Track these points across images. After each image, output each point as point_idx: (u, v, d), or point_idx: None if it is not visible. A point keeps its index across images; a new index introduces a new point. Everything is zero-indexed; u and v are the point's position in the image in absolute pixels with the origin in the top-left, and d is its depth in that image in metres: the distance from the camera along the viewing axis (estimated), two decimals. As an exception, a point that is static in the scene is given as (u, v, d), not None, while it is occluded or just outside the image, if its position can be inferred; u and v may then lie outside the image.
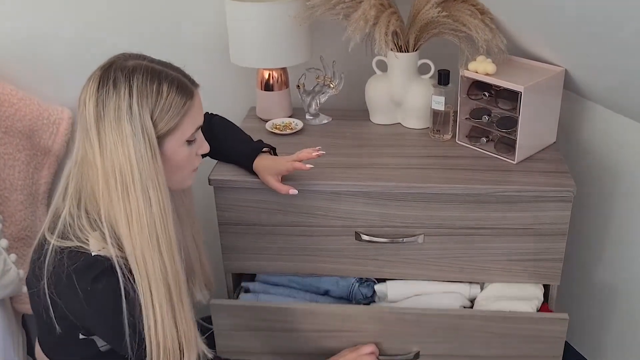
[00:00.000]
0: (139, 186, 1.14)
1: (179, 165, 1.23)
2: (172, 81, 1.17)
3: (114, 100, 1.13)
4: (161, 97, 1.15)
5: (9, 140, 1.81)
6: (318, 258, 1.64)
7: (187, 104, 1.18)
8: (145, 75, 1.15)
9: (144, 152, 1.13)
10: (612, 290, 1.82)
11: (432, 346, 1.57)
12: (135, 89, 1.13)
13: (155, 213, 1.16)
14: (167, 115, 1.16)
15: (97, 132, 1.14)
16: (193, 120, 1.21)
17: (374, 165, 1.61)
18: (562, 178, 1.53)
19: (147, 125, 1.13)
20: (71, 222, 1.19)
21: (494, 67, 1.58)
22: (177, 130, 1.19)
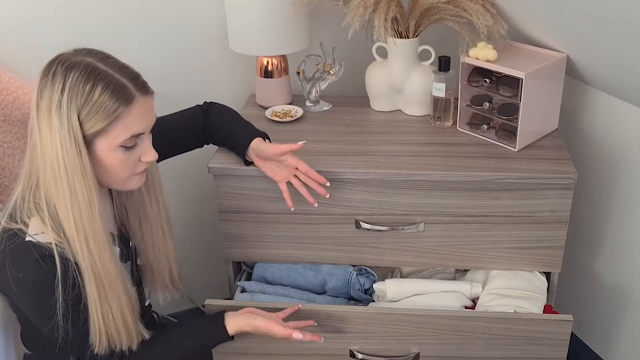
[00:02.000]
0: (64, 179, 1.16)
1: (113, 168, 1.21)
2: (108, 84, 1.15)
3: (48, 92, 1.15)
4: (90, 99, 1.14)
5: (8, 129, 1.80)
6: (318, 246, 1.64)
7: (120, 110, 1.16)
8: (82, 73, 1.15)
9: (69, 148, 1.14)
10: (613, 277, 1.82)
11: (432, 347, 1.55)
12: (68, 85, 1.14)
13: (82, 208, 1.17)
14: (94, 117, 1.15)
15: (37, 119, 1.17)
16: (126, 126, 1.18)
17: (374, 152, 1.60)
18: (563, 165, 1.52)
19: (73, 123, 1.14)
20: (20, 204, 1.22)
21: (495, 53, 1.56)
22: (107, 134, 1.17)
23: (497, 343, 1.53)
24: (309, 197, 1.49)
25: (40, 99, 1.16)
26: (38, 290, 1.19)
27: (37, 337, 1.34)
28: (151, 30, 1.88)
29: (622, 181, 1.71)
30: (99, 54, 1.20)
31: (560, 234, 1.55)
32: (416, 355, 1.56)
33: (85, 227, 1.18)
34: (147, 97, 1.21)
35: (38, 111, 1.16)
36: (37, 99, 1.16)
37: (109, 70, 1.17)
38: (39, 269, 1.17)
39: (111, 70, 1.17)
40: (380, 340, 1.55)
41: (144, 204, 1.37)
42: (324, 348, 1.57)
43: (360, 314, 1.53)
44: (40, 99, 1.16)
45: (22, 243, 1.18)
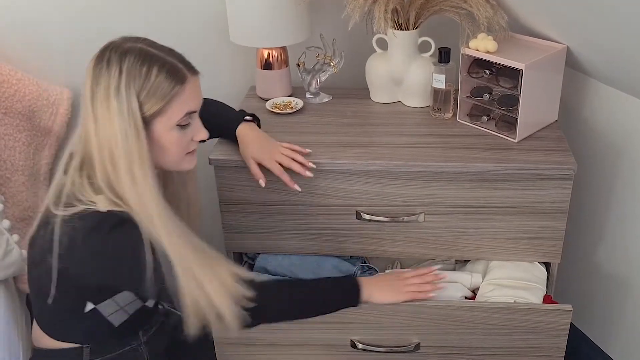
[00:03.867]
0: (124, 162, 1.19)
1: (169, 147, 1.26)
2: (163, 65, 1.21)
3: (105, 79, 1.18)
4: (148, 80, 1.19)
5: (9, 121, 1.81)
6: (319, 237, 1.64)
7: (176, 89, 1.21)
8: (137, 57, 1.20)
9: (129, 131, 1.18)
10: (613, 268, 1.83)
11: (433, 337, 1.56)
12: (125, 70, 1.18)
13: (141, 185, 1.20)
14: (153, 97, 1.19)
15: (92, 108, 1.20)
16: (182, 105, 1.23)
17: (374, 143, 1.60)
18: (563, 156, 1.52)
19: (132, 106, 1.18)
20: (75, 191, 1.23)
21: (495, 44, 1.56)
22: (165, 114, 1.22)
23: (497, 333, 1.54)
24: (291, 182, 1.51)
25: (95, 86, 1.19)
26: (134, 246, 1.20)
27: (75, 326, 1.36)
28: (151, 21, 1.88)
29: (622, 172, 1.71)
30: (146, 40, 1.25)
31: (560, 225, 1.55)
32: (417, 345, 1.57)
33: (149, 207, 1.20)
34: (196, 77, 1.27)
35: (94, 98, 1.19)
36: (91, 87, 1.19)
37: (160, 53, 1.22)
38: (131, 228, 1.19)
39: (161, 53, 1.22)
40: (381, 331, 1.56)
41: (185, 186, 1.42)
42: (325, 338, 1.58)
43: (361, 305, 1.53)
44: (96, 86, 1.19)
45: (103, 213, 1.19)
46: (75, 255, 1.21)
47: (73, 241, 1.20)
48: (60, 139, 1.92)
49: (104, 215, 1.20)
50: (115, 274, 1.25)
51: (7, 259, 1.65)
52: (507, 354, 1.56)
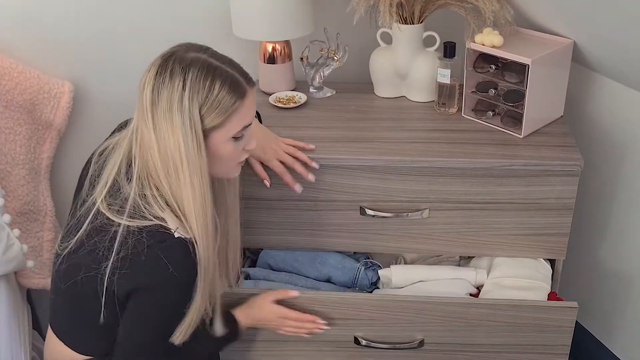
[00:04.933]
0: (187, 174, 1.20)
1: (222, 158, 1.26)
2: (226, 79, 1.20)
3: (168, 90, 1.18)
4: (212, 94, 1.18)
5: (9, 115, 1.79)
6: (323, 233, 1.63)
7: (237, 103, 1.21)
8: (200, 70, 1.18)
9: (190, 144, 1.18)
10: (618, 264, 1.82)
11: (437, 334, 1.55)
12: (189, 82, 1.17)
13: (197, 200, 1.21)
14: (215, 111, 1.19)
15: (152, 117, 1.19)
16: (241, 119, 1.23)
17: (378, 139, 1.59)
18: (569, 152, 1.51)
19: (195, 119, 1.18)
20: (143, 202, 1.22)
21: (500, 39, 1.55)
22: (224, 127, 1.22)
23: (502, 330, 1.53)
24: (292, 182, 1.51)
25: (157, 96, 1.18)
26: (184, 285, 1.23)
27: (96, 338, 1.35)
28: (154, 15, 1.87)
29: (628, 168, 1.70)
30: (209, 50, 1.24)
31: (566, 221, 1.54)
32: (420, 342, 1.56)
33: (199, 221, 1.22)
34: (253, 89, 1.26)
35: (154, 109, 1.18)
36: (152, 98, 1.19)
37: (222, 65, 1.21)
38: (189, 265, 1.21)
39: (223, 65, 1.22)
40: (384, 327, 1.55)
41: (226, 193, 1.40)
42: (328, 334, 1.57)
43: (365, 301, 1.53)
44: (158, 96, 1.18)
45: (174, 239, 1.20)
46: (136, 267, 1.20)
47: (138, 255, 1.19)
48: (61, 132, 1.91)
49: (175, 242, 1.20)
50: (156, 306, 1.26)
51: (8, 253, 1.64)
52: (511, 351, 1.56)
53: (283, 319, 1.51)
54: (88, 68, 1.93)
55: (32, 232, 1.88)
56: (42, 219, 1.90)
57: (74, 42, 1.89)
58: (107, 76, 1.94)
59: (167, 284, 1.21)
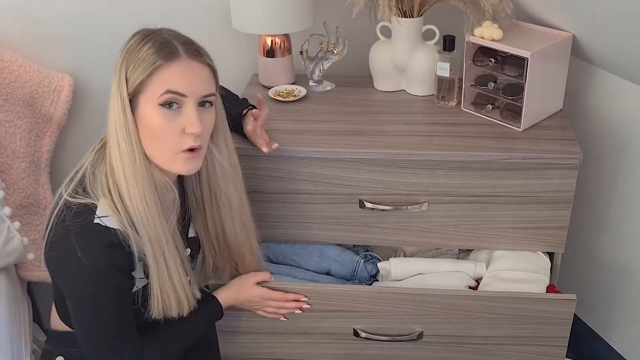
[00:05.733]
0: (116, 139, 1.18)
1: (156, 133, 1.18)
2: (156, 41, 1.18)
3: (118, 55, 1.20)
4: (138, 52, 1.17)
5: (9, 108, 1.80)
6: (322, 226, 1.63)
7: (159, 63, 1.16)
8: (143, 36, 1.19)
9: (116, 106, 1.18)
10: (616, 258, 1.82)
11: (436, 326, 1.56)
12: (127, 47, 1.19)
13: (126, 163, 1.18)
14: (137, 70, 1.16)
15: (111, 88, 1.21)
16: (163, 80, 1.16)
17: (377, 132, 1.59)
18: (568, 145, 1.52)
19: (121, 80, 1.17)
20: (89, 179, 1.21)
21: (500, 32, 1.55)
22: (146, 89, 1.17)
23: (501, 322, 1.53)
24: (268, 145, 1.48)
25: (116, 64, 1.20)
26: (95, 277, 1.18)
27: None
28: (153, 7, 1.87)
29: (627, 161, 1.70)
30: (174, 32, 1.23)
31: (565, 214, 1.55)
32: (419, 334, 1.57)
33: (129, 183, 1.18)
34: (195, 62, 1.20)
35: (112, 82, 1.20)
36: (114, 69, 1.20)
37: (167, 37, 1.19)
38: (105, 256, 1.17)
39: (169, 37, 1.20)
40: (383, 319, 1.56)
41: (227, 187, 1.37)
42: (327, 327, 1.58)
43: (364, 293, 1.54)
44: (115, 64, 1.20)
45: (91, 224, 1.17)
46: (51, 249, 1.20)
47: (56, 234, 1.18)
48: (61, 126, 1.91)
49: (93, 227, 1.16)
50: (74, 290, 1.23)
51: (8, 246, 1.64)
52: (510, 343, 1.56)
53: (265, 300, 1.50)
54: (88, 61, 1.93)
55: (32, 224, 1.88)
56: (42, 211, 1.90)
57: (73, 36, 1.89)
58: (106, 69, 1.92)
59: (80, 273, 1.18)
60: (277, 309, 1.53)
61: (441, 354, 1.60)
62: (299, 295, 1.52)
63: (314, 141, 1.54)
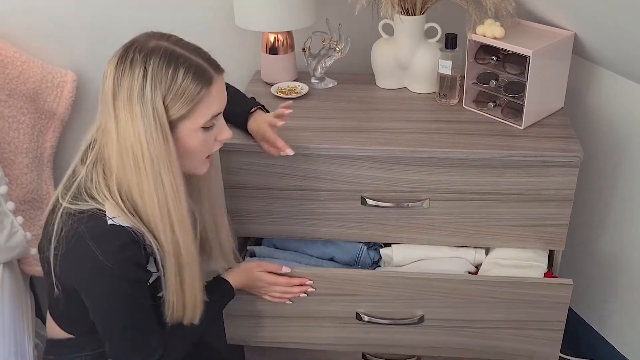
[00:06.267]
0: (149, 166, 1.16)
1: (193, 149, 1.22)
2: (190, 67, 1.16)
3: (128, 81, 1.14)
4: (175, 83, 1.14)
5: (13, 103, 1.80)
6: (324, 222, 1.64)
7: (203, 92, 1.17)
8: (162, 58, 1.14)
9: (154, 135, 1.14)
10: (616, 256, 1.83)
11: (436, 310, 1.58)
12: (150, 72, 1.13)
13: (168, 193, 1.18)
14: (179, 101, 1.15)
15: (113, 108, 1.15)
16: (208, 107, 1.19)
17: (380, 129, 1.60)
18: (569, 143, 1.52)
19: (158, 109, 1.14)
20: (89, 185, 1.20)
21: (502, 30, 1.56)
22: (191, 117, 1.18)
23: (500, 306, 1.56)
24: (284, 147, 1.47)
25: (118, 87, 1.14)
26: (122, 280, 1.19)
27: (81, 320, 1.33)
28: (156, 5, 1.88)
29: (627, 160, 1.71)
30: (171, 38, 1.20)
31: (565, 212, 1.55)
32: (421, 318, 1.60)
33: (171, 213, 1.19)
34: (221, 76, 1.22)
35: (115, 100, 1.14)
36: (113, 87, 1.15)
37: (185, 53, 1.17)
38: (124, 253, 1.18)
39: (187, 52, 1.17)
40: (386, 303, 1.59)
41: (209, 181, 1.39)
42: (331, 311, 1.61)
43: (367, 277, 1.57)
44: (119, 87, 1.14)
45: (108, 226, 1.17)
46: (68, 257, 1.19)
47: (70, 243, 1.17)
48: (64, 121, 1.91)
49: (107, 229, 1.17)
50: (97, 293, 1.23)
51: (11, 240, 1.65)
52: (509, 327, 1.60)
53: (272, 284, 1.54)
54: (91, 57, 1.93)
55: (35, 219, 1.89)
56: (45, 207, 1.91)
57: (77, 32, 1.89)
58: (109, 66, 1.95)
59: (101, 274, 1.17)
60: (282, 294, 1.56)
61: (442, 338, 1.63)
62: (304, 279, 1.56)
63: (316, 138, 1.55)
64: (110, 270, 1.17)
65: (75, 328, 1.37)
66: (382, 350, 1.72)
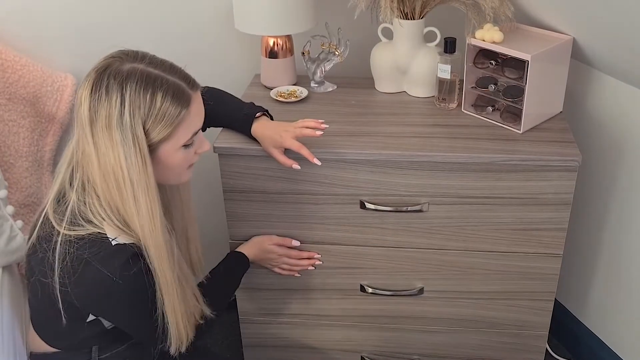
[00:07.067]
0: (129, 189, 1.15)
1: (174, 166, 1.23)
2: (168, 89, 1.14)
3: (105, 108, 1.12)
4: (154, 107, 1.13)
5: (13, 107, 1.80)
6: (322, 226, 1.65)
7: (183, 113, 1.17)
8: (139, 83, 1.12)
9: (134, 160, 1.14)
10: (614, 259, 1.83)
11: (435, 282, 1.70)
12: (128, 97, 1.12)
13: (144, 216, 1.17)
14: (160, 124, 1.15)
15: (91, 134, 1.14)
16: (189, 127, 1.19)
17: (379, 133, 1.60)
18: (567, 147, 1.52)
19: (138, 134, 1.13)
20: (82, 209, 1.20)
21: (501, 35, 1.56)
22: (172, 138, 1.18)
23: (494, 278, 1.67)
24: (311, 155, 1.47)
25: (95, 113, 1.13)
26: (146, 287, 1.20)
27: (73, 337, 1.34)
28: (156, 9, 1.88)
29: (626, 164, 1.71)
30: (145, 58, 1.18)
31: (564, 216, 1.56)
32: (420, 290, 1.71)
33: (146, 236, 1.18)
34: (198, 92, 1.21)
35: (93, 126, 1.13)
36: (90, 115, 1.13)
37: (161, 73, 1.15)
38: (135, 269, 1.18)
39: (163, 73, 1.16)
40: (388, 276, 1.70)
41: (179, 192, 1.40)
42: (336, 283, 1.72)
43: (371, 252, 1.66)
44: (95, 114, 1.13)
45: (112, 247, 1.17)
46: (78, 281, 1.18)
47: (78, 271, 1.17)
48: (64, 125, 1.91)
49: (114, 249, 1.17)
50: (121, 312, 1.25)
51: (11, 244, 1.65)
52: (502, 298, 1.71)
53: (282, 256, 1.62)
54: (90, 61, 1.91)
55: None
56: (45, 210, 1.91)
57: (76, 35, 1.90)
58: (109, 69, 1.95)
59: (118, 293, 1.18)
60: (292, 266, 1.66)
61: (439, 308, 1.75)
62: (313, 252, 1.66)
63: (315, 142, 1.55)
64: (122, 287, 1.17)
65: (64, 344, 1.37)
66: (383, 321, 1.80)
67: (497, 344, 1.79)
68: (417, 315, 1.76)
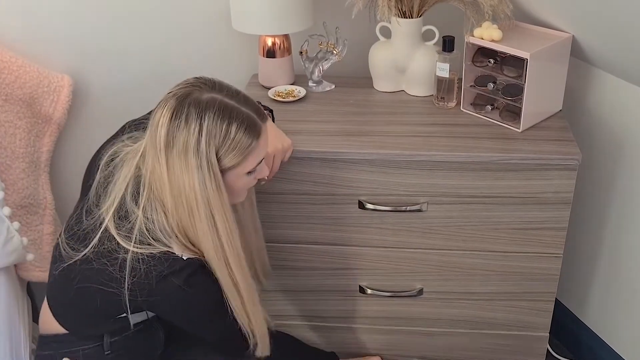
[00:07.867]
0: (202, 212, 1.21)
1: (237, 189, 1.29)
2: (242, 121, 1.20)
3: (184, 135, 1.18)
4: (228, 138, 1.19)
5: (9, 108, 1.80)
6: (321, 226, 1.64)
7: (253, 144, 1.23)
8: (217, 113, 1.18)
9: (208, 184, 1.20)
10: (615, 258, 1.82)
11: (434, 283, 1.69)
12: (206, 127, 1.18)
13: (222, 234, 1.24)
14: (232, 153, 1.21)
15: (166, 158, 1.20)
16: (257, 156, 1.26)
17: (377, 132, 1.59)
18: (567, 146, 1.52)
19: (212, 161, 1.19)
20: (150, 227, 1.24)
21: (499, 33, 1.55)
22: (240, 166, 1.24)
23: (494, 278, 1.66)
24: None
25: (172, 139, 1.18)
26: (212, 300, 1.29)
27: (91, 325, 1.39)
28: (154, 8, 1.87)
29: (626, 162, 1.70)
30: (222, 89, 1.23)
31: (564, 215, 1.55)
32: (420, 291, 1.70)
33: (227, 253, 1.25)
34: (266, 123, 1.27)
35: (168, 150, 1.19)
36: (167, 139, 1.18)
37: (237, 105, 1.21)
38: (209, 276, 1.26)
39: (238, 105, 1.22)
40: (387, 277, 1.69)
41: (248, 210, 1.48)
42: (336, 284, 1.71)
43: (371, 253, 1.66)
44: (173, 140, 1.18)
45: (182, 261, 1.24)
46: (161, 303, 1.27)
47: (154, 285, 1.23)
48: (60, 126, 1.91)
49: (184, 263, 1.24)
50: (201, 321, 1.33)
51: (7, 246, 1.64)
52: (503, 298, 1.70)
53: None
54: (87, 62, 1.93)
55: (32, 225, 1.88)
56: (42, 212, 1.91)
57: (73, 36, 1.89)
58: (106, 70, 1.94)
59: (195, 304, 1.28)
60: None
61: (439, 309, 1.74)
62: None
63: (314, 142, 1.55)
64: (195, 296, 1.26)
65: (79, 329, 1.40)
66: (383, 322, 1.79)
67: (498, 345, 1.78)
68: (417, 316, 1.75)
